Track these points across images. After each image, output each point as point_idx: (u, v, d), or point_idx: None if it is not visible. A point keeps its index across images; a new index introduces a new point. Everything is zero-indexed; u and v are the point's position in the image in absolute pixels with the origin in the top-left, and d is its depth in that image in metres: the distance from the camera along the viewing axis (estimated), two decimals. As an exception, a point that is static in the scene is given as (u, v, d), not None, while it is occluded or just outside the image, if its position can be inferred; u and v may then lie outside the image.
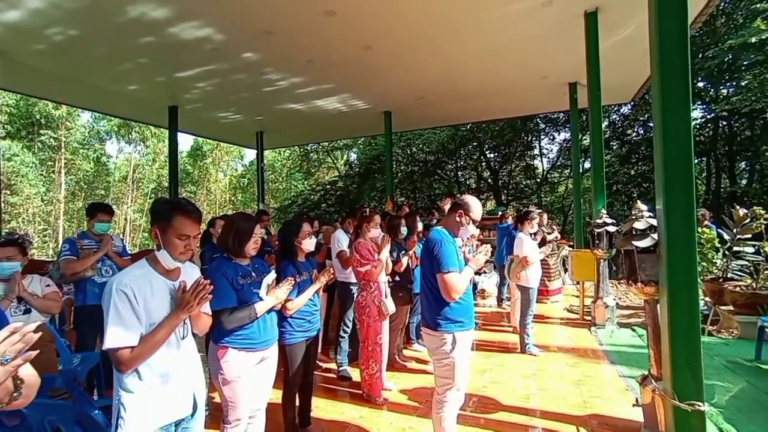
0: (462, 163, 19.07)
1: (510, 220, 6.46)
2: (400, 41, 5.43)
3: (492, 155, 18.30)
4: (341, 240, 3.88)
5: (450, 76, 6.76)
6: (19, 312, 2.44)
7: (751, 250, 4.91)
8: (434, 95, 7.77)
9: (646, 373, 2.49)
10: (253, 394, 2.07)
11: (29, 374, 0.94)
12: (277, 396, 2.52)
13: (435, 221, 6.01)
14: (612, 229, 4.19)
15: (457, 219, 2.26)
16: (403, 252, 3.76)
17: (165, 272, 1.51)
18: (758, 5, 9.21)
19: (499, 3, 4.57)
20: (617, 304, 5.38)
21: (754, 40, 8.88)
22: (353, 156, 23.33)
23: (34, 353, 0.84)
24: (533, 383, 3.52)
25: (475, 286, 6.56)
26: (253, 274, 2.12)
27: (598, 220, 4.50)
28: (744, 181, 13.84)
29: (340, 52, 5.72)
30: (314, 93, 7.51)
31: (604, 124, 9.47)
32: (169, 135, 8.12)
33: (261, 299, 2.07)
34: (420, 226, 4.23)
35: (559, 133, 16.94)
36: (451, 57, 5.99)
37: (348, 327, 3.81)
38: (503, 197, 17.32)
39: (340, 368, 3.73)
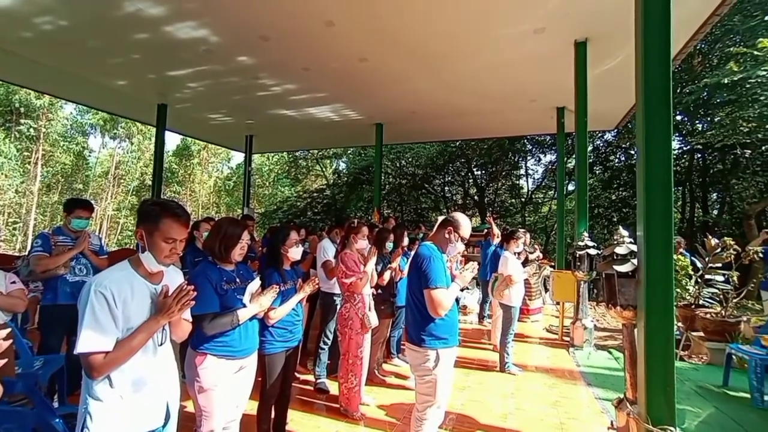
0: (450, 178, 19.31)
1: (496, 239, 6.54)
2: (395, 56, 5.52)
3: (479, 173, 18.61)
4: (327, 250, 3.86)
5: (443, 93, 6.89)
6: (-19, 310, 2.32)
7: (721, 278, 5.09)
8: (426, 110, 7.89)
9: (622, 396, 2.52)
10: (229, 405, 2.01)
11: None
12: (252, 407, 2.45)
13: (421, 235, 6.04)
14: (593, 252, 4.29)
15: (447, 235, 2.28)
16: (387, 266, 3.75)
17: (147, 275, 1.47)
18: (731, 49, 9.75)
19: (494, 26, 4.71)
20: (595, 326, 5.47)
21: (726, 80, 9.37)
22: (342, 165, 23.34)
23: (2, 362, 0.80)
24: (511, 403, 3.53)
25: (457, 302, 6.57)
26: (238, 280, 2.08)
27: (580, 243, 4.61)
28: (715, 212, 14.45)
29: (336, 63, 5.77)
30: (307, 101, 7.53)
31: (589, 149, 9.80)
32: (157, 133, 7.97)
33: (244, 306, 2.03)
34: (406, 240, 4.24)
35: (545, 155, 17.38)
36: (444, 74, 6.11)
37: (329, 338, 3.75)
38: (489, 214, 17.56)
39: (318, 381, 3.66)
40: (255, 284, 2.14)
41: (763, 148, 10.43)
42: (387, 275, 3.70)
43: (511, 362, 4.25)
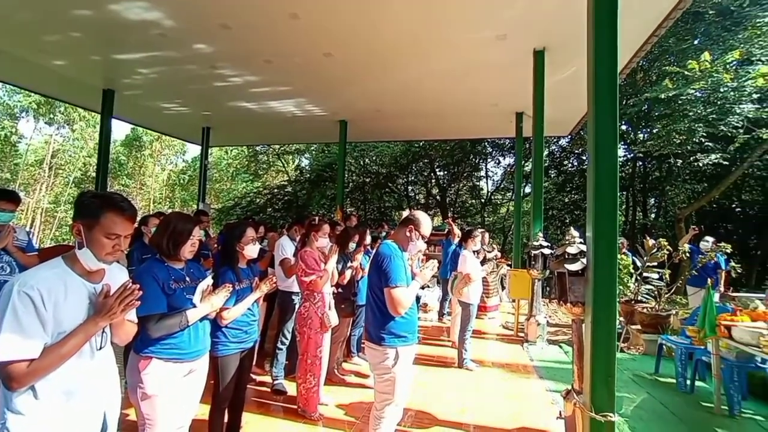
0: (413, 178, 19.54)
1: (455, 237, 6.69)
2: (361, 53, 5.48)
3: (441, 173, 18.99)
4: (286, 247, 3.75)
5: (407, 92, 6.94)
6: None
7: (656, 276, 5.56)
8: (391, 109, 7.91)
9: (570, 387, 2.67)
10: (177, 411, 1.89)
11: None
12: (203, 412, 2.33)
13: (384, 234, 6.05)
14: (547, 251, 4.50)
15: (408, 234, 2.29)
16: (348, 265, 3.72)
17: (85, 273, 1.34)
18: (667, 67, 10.66)
19: (458, 30, 4.81)
20: (548, 322, 5.76)
21: (663, 96, 10.23)
22: (305, 161, 22.88)
23: None
24: (468, 398, 3.62)
25: (418, 300, 6.67)
26: (188, 278, 1.96)
27: (535, 243, 4.82)
28: (653, 215, 15.76)
29: (300, 57, 5.63)
30: (269, 94, 7.29)
31: (545, 153, 10.31)
32: (102, 120, 7.37)
33: (194, 306, 1.92)
34: (368, 239, 4.23)
35: (504, 158, 18.05)
36: (409, 74, 6.15)
37: (287, 338, 3.66)
38: (450, 215, 17.97)
39: (275, 382, 3.56)
40: (206, 283, 2.03)
41: (692, 158, 11.46)
42: (348, 274, 3.67)
43: (468, 358, 4.37)
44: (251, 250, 2.46)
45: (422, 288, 6.80)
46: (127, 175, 27.01)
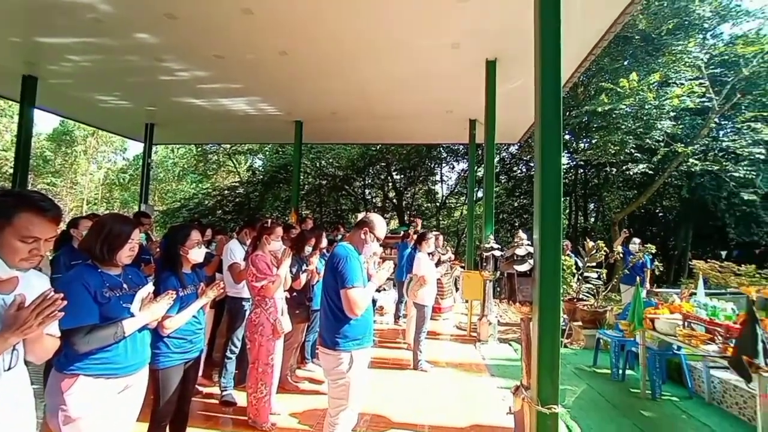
0: (370, 181, 19.60)
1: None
2: (318, 53, 5.40)
3: (398, 177, 19.23)
4: (235, 251, 3.58)
5: (364, 95, 6.94)
6: None
7: (594, 275, 6.03)
8: (347, 112, 7.87)
9: (519, 383, 2.79)
10: (107, 432, 1.71)
11: None
12: (141, 430, 2.14)
13: (340, 236, 5.99)
14: (498, 253, 4.69)
15: (362, 236, 2.28)
16: (303, 268, 3.63)
17: (-8, 282, 1.17)
18: (603, 84, 11.67)
19: (415, 36, 4.89)
20: (499, 321, 6.01)
21: (600, 109, 11.18)
22: (258, 162, 22.12)
23: None
24: (423, 399, 3.67)
25: (374, 302, 6.66)
26: (125, 285, 1.79)
27: (487, 245, 5.01)
28: (592, 219, 17.09)
29: (254, 53, 5.43)
30: (220, 91, 6.96)
31: (496, 159, 10.82)
32: (21, 110, 6.57)
33: (132, 315, 1.76)
34: (324, 242, 4.16)
35: (458, 163, 18.67)
36: (365, 77, 6.17)
37: (236, 347, 3.48)
38: (406, 218, 18.23)
39: (224, 393, 3.38)
40: (146, 290, 1.87)
41: (624, 167, 12.59)
42: (303, 278, 3.58)
43: (423, 359, 4.43)
44: (196, 254, 2.31)
45: (378, 291, 6.84)
46: (54, 173, 24.45)
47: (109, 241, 1.74)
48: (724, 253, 12.20)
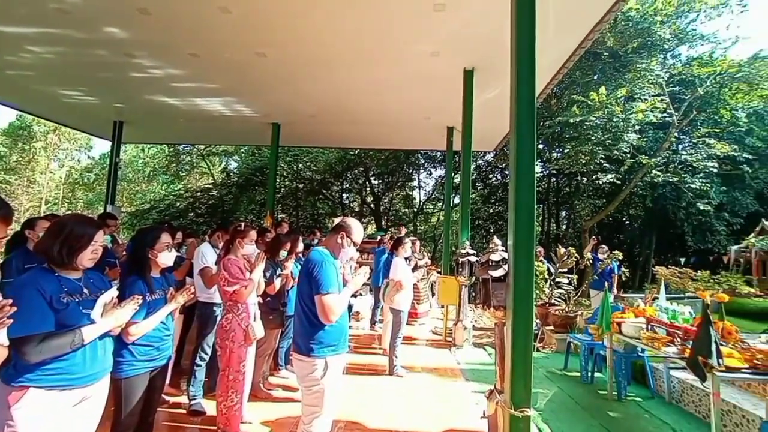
0: (348, 185, 19.54)
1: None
2: (296, 55, 5.35)
3: (376, 182, 19.28)
4: (206, 254, 3.46)
5: (343, 99, 6.93)
6: None
7: (566, 281, 6.22)
8: (326, 115, 7.83)
9: (492, 387, 2.82)
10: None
11: None
12: (99, 445, 2.02)
13: (316, 241, 5.92)
14: (473, 259, 4.76)
15: (339, 240, 2.25)
16: (278, 273, 3.56)
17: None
18: (574, 96, 12.18)
19: (395, 42, 4.94)
20: (474, 326, 6.08)
21: (572, 120, 11.65)
22: (233, 164, 21.63)
23: None
24: (398, 404, 3.65)
25: (350, 308, 6.61)
26: (86, 290, 1.70)
27: (462, 251, 5.08)
28: (564, 226, 17.67)
29: (231, 53, 5.32)
30: (194, 90, 6.77)
31: (472, 167, 11.06)
32: (-25, 103, 6.19)
33: (93, 322, 1.66)
34: (300, 246, 4.10)
35: (435, 170, 18.93)
36: (345, 81, 6.16)
37: (206, 353, 3.36)
38: (383, 223, 18.26)
39: (192, 402, 3.25)
40: (109, 295, 1.78)
41: (593, 177, 13.13)
42: (277, 283, 3.51)
43: (399, 365, 4.42)
44: (166, 258, 2.22)
45: (354, 296, 6.79)
46: (9, 170, 23.00)
47: (69, 243, 1.64)
48: (683, 260, 12.93)
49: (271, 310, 3.52)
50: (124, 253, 3.68)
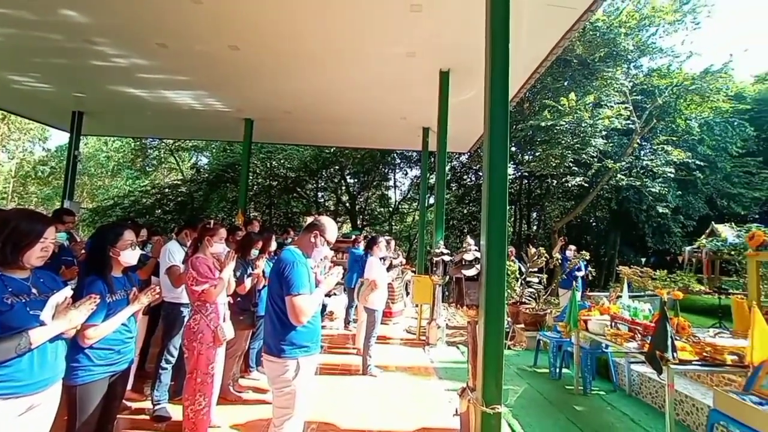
0: (323, 184, 19.35)
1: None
2: (271, 51, 5.24)
3: (352, 181, 19.19)
4: (174, 253, 3.32)
5: (319, 97, 6.85)
6: None
7: (536, 280, 6.41)
8: (301, 112, 7.71)
9: (465, 385, 2.86)
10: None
11: None
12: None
13: (290, 240, 5.82)
14: (447, 258, 4.81)
15: (312, 239, 2.21)
16: (249, 272, 3.47)
17: None
18: (546, 101, 12.60)
19: (371, 41, 4.92)
20: (447, 324, 6.15)
21: (543, 124, 12.04)
22: (204, 160, 20.92)
23: None
24: (372, 404, 3.63)
25: (324, 308, 6.54)
26: (34, 290, 1.58)
27: (437, 250, 5.13)
28: (535, 227, 18.23)
29: (202, 46, 5.14)
30: (163, 82, 6.50)
31: (447, 168, 11.23)
32: None
33: (42, 324, 1.55)
34: (273, 245, 4.00)
35: (411, 170, 19.06)
36: (321, 79, 6.09)
37: (172, 356, 3.22)
38: (359, 222, 18.21)
39: (157, 407, 3.10)
40: (62, 295, 1.66)
41: (563, 180, 13.62)
42: (248, 282, 3.41)
43: (372, 364, 4.40)
44: (129, 256, 2.11)
45: (328, 296, 6.72)
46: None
47: (13, 240, 1.52)
48: (644, 260, 13.66)
49: (242, 310, 3.42)
50: (83, 251, 3.47)
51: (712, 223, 9.44)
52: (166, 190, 17.63)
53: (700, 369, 2.97)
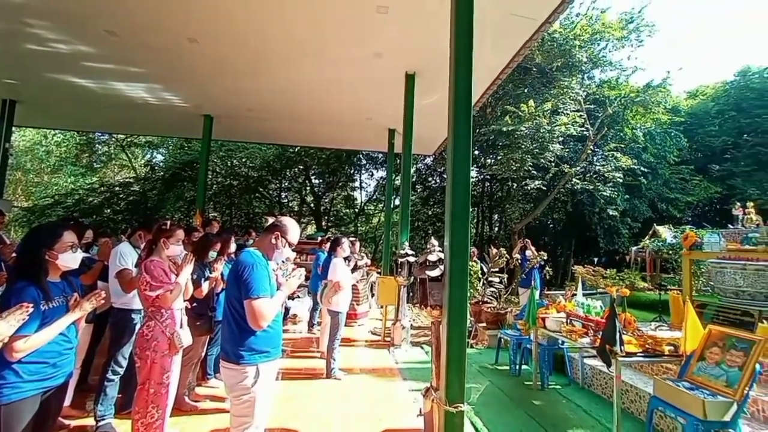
0: (287, 184, 18.93)
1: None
2: (232, 46, 5.05)
3: (317, 181, 18.92)
4: (125, 256, 3.10)
5: (283, 95, 6.70)
6: None
7: (497, 280, 6.61)
8: (264, 110, 7.50)
9: (429, 385, 2.88)
10: None
11: None
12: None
13: (251, 241, 5.63)
14: (412, 259, 4.85)
15: (273, 241, 2.14)
16: (206, 276, 3.31)
17: None
18: (507, 107, 13.09)
19: (337, 40, 4.87)
20: (411, 325, 6.20)
21: (504, 129, 12.49)
22: (159, 157, 19.81)
23: None
24: (335, 407, 3.58)
25: (287, 311, 6.38)
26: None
27: (401, 251, 5.15)
28: (496, 228, 18.85)
29: (158, 36, 4.86)
30: (112, 72, 6.07)
31: (412, 170, 11.37)
32: None
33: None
34: (233, 247, 3.85)
35: (377, 171, 19.08)
36: (285, 77, 5.95)
37: (121, 366, 3.00)
38: (324, 223, 17.98)
39: (100, 423, 2.88)
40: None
41: (523, 183, 14.19)
42: (205, 286, 3.25)
43: (337, 367, 4.34)
44: (68, 260, 1.93)
45: (291, 298, 6.57)
46: None
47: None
48: (596, 260, 14.53)
49: (199, 315, 3.25)
50: (14, 255, 3.16)
51: (654, 225, 10.23)
52: (117, 188, 16.49)
53: (642, 360, 3.19)
